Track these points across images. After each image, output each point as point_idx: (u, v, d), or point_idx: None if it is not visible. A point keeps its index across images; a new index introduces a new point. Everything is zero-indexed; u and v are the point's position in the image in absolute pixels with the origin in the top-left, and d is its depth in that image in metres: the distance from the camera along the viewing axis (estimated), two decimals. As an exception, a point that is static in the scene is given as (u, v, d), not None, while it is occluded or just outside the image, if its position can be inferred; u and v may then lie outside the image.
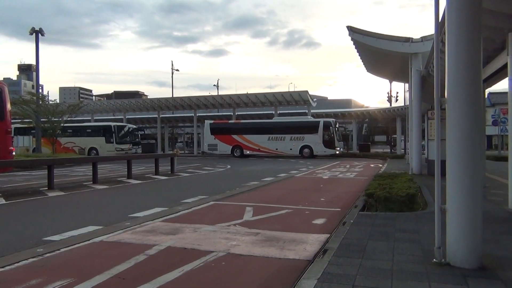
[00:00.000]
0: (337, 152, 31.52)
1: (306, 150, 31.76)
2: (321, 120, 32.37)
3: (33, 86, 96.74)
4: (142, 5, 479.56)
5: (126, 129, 36.24)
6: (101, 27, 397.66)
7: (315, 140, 31.50)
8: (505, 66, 8.33)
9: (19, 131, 33.30)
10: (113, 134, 34.16)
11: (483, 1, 4.83)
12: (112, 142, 33.90)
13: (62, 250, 5.33)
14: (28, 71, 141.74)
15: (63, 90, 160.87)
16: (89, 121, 42.08)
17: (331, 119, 32.82)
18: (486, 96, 26.45)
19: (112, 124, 35.41)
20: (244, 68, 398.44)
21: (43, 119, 28.03)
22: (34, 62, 27.89)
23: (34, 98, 28.69)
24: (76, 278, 4.18)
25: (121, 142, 34.41)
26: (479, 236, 4.24)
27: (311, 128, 31.92)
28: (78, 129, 36.44)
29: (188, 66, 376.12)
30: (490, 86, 12.79)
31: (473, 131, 4.23)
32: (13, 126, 32.00)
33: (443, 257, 4.37)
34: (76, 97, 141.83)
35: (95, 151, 33.98)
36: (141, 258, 4.90)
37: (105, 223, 7.13)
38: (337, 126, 32.53)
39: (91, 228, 6.71)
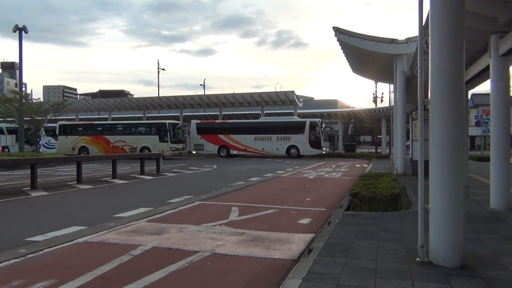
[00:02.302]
0: (323, 152, 31.67)
1: (292, 150, 31.83)
2: (308, 120, 32.48)
3: (16, 84, 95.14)
4: (131, 3, 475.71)
5: (179, 127, 33.62)
6: (88, 25, 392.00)
7: (301, 140, 31.59)
8: (487, 68, 8.45)
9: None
10: (168, 133, 31.41)
11: (466, 3, 4.91)
12: (167, 142, 31.20)
13: (45, 250, 5.27)
14: (11, 69, 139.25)
15: (47, 89, 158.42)
16: (73, 120, 41.46)
17: (317, 119, 32.92)
18: (469, 97, 26.89)
19: (167, 122, 32.48)
20: (231, 68, 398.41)
21: (26, 118, 27.59)
22: (17, 60, 27.48)
23: (17, 96, 28.24)
24: (59, 279, 4.13)
25: (176, 142, 31.95)
26: (461, 235, 4.31)
27: (297, 128, 32.00)
28: (129, 127, 34.10)
29: (175, 65, 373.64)
30: (473, 88, 12.95)
31: (456, 132, 4.29)
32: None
33: (426, 256, 4.44)
34: (60, 95, 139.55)
35: (147, 151, 30.97)
36: (125, 259, 4.87)
37: (89, 223, 7.05)
38: (323, 126, 32.65)
39: (75, 229, 6.63)
